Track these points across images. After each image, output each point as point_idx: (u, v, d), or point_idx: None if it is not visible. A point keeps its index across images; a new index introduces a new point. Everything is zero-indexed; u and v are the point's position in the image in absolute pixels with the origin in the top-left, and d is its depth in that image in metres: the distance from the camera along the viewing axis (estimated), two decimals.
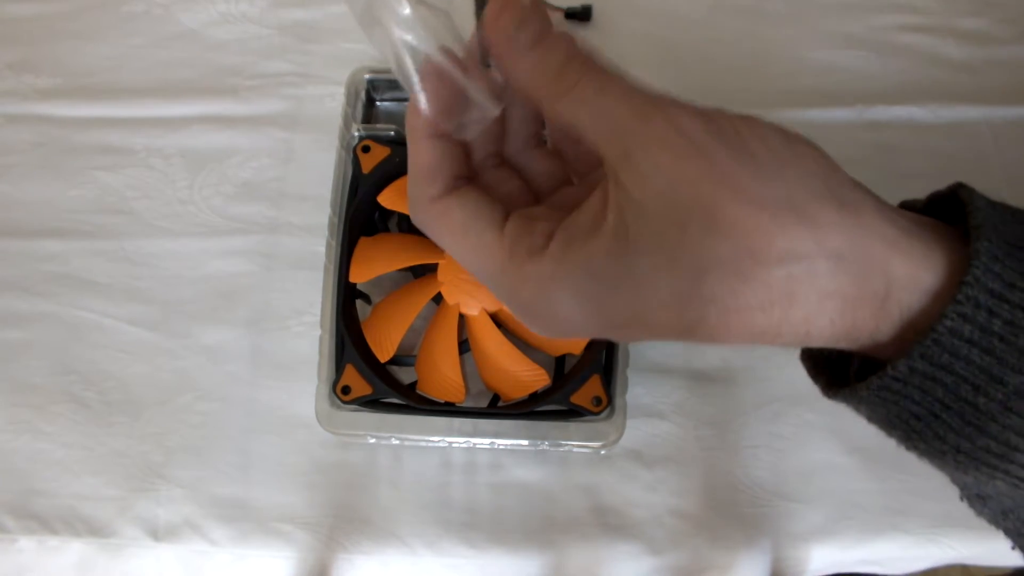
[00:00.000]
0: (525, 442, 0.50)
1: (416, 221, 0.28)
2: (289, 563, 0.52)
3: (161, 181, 0.61)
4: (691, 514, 0.52)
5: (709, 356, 0.56)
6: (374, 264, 0.53)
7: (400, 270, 0.54)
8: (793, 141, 0.24)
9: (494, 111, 0.27)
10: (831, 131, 0.62)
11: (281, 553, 0.51)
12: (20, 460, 0.54)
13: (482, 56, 0.27)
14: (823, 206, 0.23)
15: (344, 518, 0.52)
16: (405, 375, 0.54)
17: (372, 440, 0.52)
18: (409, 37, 0.26)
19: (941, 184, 0.28)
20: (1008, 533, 0.28)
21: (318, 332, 0.52)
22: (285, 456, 0.54)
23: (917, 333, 0.24)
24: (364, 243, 0.53)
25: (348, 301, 0.53)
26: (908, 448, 0.27)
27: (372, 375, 0.50)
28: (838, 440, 0.53)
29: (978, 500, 0.27)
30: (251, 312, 0.57)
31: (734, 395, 0.55)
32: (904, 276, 0.24)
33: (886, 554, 0.52)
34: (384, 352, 0.52)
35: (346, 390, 0.50)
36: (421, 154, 0.27)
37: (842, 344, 0.25)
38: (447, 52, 0.26)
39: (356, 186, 0.54)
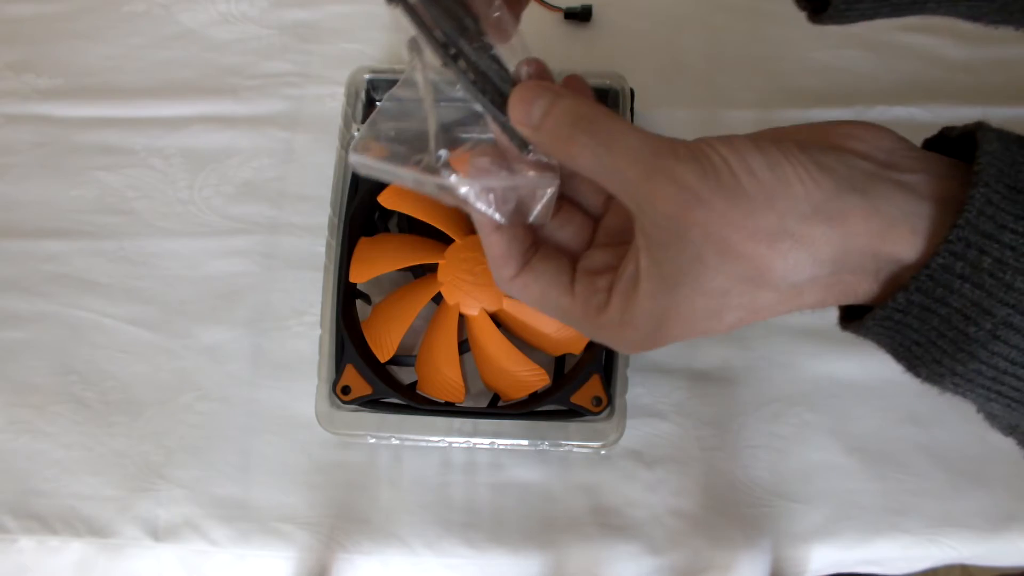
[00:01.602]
0: (525, 442, 0.50)
1: (505, 292, 0.34)
2: (289, 563, 0.52)
3: (161, 181, 0.61)
4: (691, 514, 0.52)
5: (709, 356, 0.56)
6: (374, 264, 0.53)
7: (400, 270, 0.54)
8: (777, 164, 0.27)
9: (553, 184, 0.32)
10: None
11: (281, 553, 0.51)
12: (20, 460, 0.54)
13: (518, 143, 0.31)
14: (813, 225, 0.27)
15: (344, 518, 0.52)
16: (405, 375, 0.54)
17: (372, 440, 0.52)
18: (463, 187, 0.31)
19: None
20: (1020, 445, 0.31)
21: (318, 332, 0.52)
22: (285, 456, 0.54)
23: (913, 270, 0.27)
24: (364, 243, 0.53)
25: (348, 301, 0.53)
26: (913, 374, 0.29)
27: (372, 375, 0.50)
28: (838, 440, 0.53)
29: (989, 416, 0.30)
30: (251, 312, 0.57)
31: (734, 395, 0.55)
32: (891, 256, 0.27)
33: (886, 554, 0.52)
34: (384, 352, 0.52)
35: (346, 390, 0.50)
36: (492, 246, 0.32)
37: (861, 299, 0.29)
38: (485, 164, 0.31)
39: (356, 186, 0.54)
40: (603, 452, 0.53)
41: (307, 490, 0.53)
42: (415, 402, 0.51)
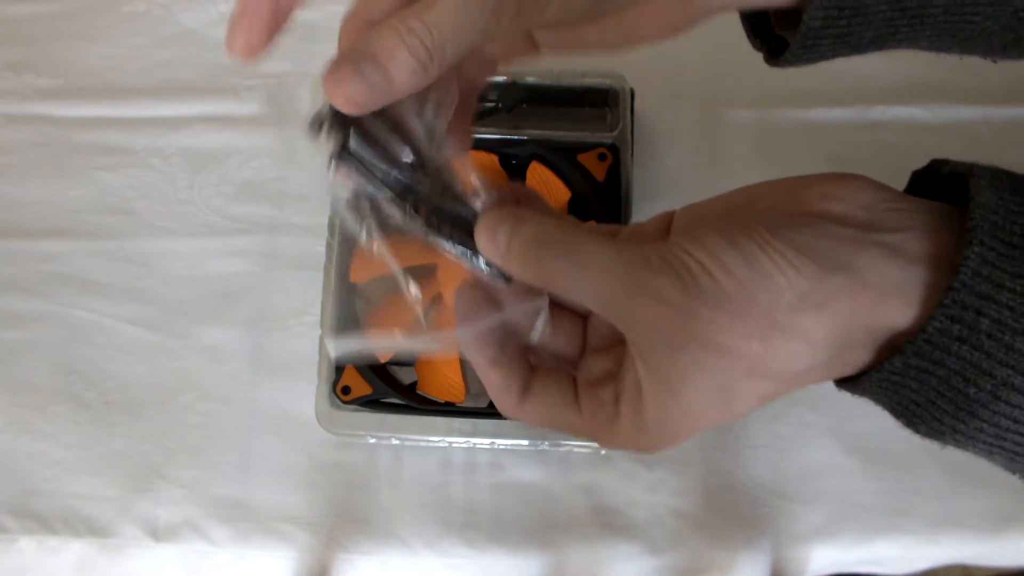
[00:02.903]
0: (525, 442, 0.50)
1: (511, 419, 0.34)
2: (289, 563, 0.52)
3: (161, 181, 0.61)
4: (691, 514, 0.52)
5: None
6: (374, 264, 0.53)
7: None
8: (754, 258, 0.26)
9: (544, 301, 0.31)
10: (831, 131, 0.62)
11: (281, 553, 0.51)
12: (20, 460, 0.54)
13: (499, 276, 0.31)
14: (801, 315, 0.26)
15: (344, 518, 0.52)
16: (405, 375, 0.54)
17: (372, 440, 0.52)
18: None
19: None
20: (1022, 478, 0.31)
21: (318, 332, 0.52)
22: (285, 456, 0.54)
23: (911, 335, 0.26)
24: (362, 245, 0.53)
25: (348, 301, 0.53)
26: (913, 430, 0.29)
27: (372, 375, 0.50)
28: (838, 440, 0.53)
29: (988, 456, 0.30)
30: (251, 312, 0.57)
31: None
32: (884, 327, 0.27)
33: (886, 554, 0.52)
34: (384, 352, 0.52)
35: (346, 390, 0.50)
36: (489, 380, 0.32)
37: (845, 374, 0.29)
38: (471, 309, 0.31)
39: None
40: (603, 452, 0.53)
41: (307, 490, 0.53)
42: (415, 402, 0.51)
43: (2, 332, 0.57)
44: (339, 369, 0.50)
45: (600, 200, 0.54)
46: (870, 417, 0.54)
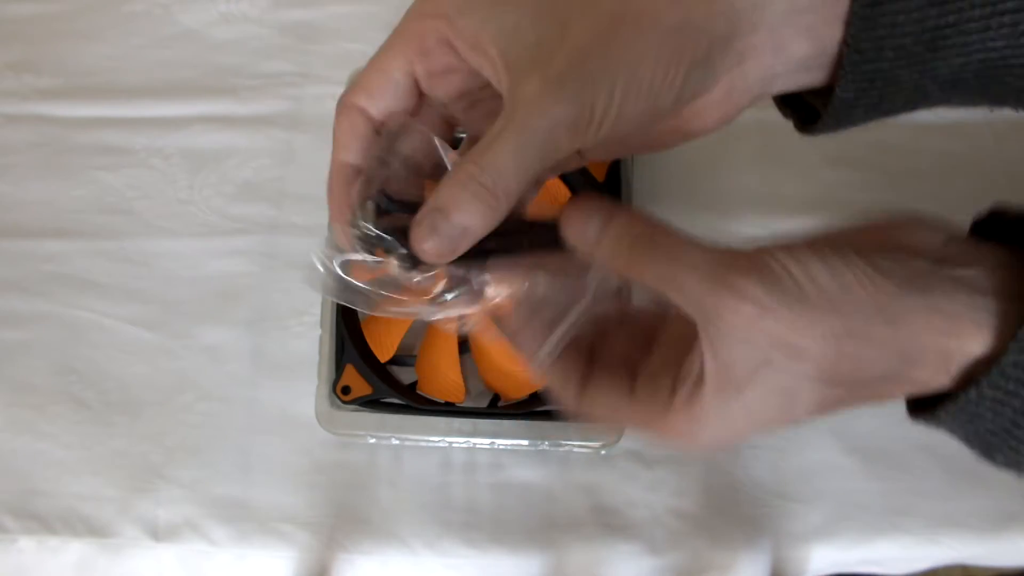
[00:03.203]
0: (525, 442, 0.50)
1: (574, 414, 0.33)
2: (289, 563, 0.52)
3: (161, 181, 0.61)
4: (691, 514, 0.52)
5: None
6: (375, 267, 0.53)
7: None
8: (837, 271, 0.28)
9: (613, 282, 0.32)
10: None
11: (281, 553, 0.51)
12: (20, 460, 0.54)
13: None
14: (876, 326, 0.27)
15: (344, 518, 0.52)
16: (405, 375, 0.54)
17: (372, 440, 0.52)
18: None
19: (941, 184, 0.30)
20: None
21: (318, 332, 0.52)
22: (285, 456, 0.54)
23: (988, 365, 0.27)
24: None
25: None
26: (988, 460, 0.30)
27: (372, 375, 0.50)
28: (838, 440, 0.53)
29: None
30: (251, 312, 0.57)
31: None
32: (959, 352, 0.27)
33: (886, 554, 0.52)
34: (384, 352, 0.52)
35: (346, 390, 0.50)
36: (549, 380, 0.33)
37: (916, 394, 0.30)
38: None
39: None
40: (603, 452, 0.53)
41: (307, 490, 0.53)
42: (415, 402, 0.51)
43: (2, 332, 0.57)
44: (339, 369, 0.50)
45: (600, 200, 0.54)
46: (870, 417, 0.54)
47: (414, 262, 0.30)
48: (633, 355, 0.33)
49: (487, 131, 0.28)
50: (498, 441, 0.50)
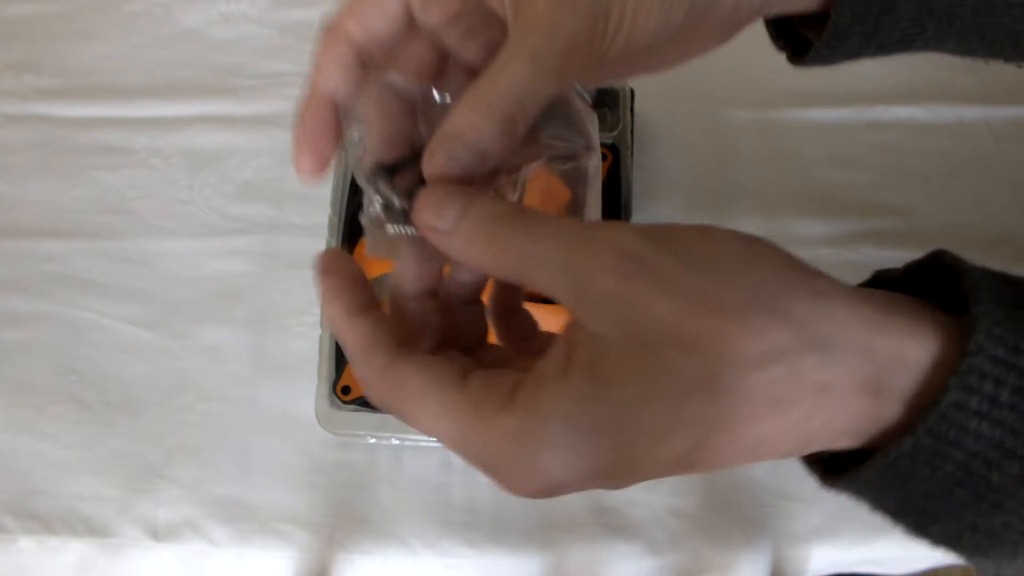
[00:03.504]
0: None
1: (374, 401, 0.26)
2: (289, 563, 0.52)
3: (161, 181, 0.61)
4: (691, 514, 0.52)
5: None
6: (374, 264, 0.53)
7: None
8: (752, 243, 0.24)
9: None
10: (831, 131, 0.62)
11: (281, 553, 0.51)
12: (20, 460, 0.54)
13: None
14: (795, 298, 0.22)
15: (344, 518, 0.52)
16: None
17: (372, 440, 0.52)
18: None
19: (941, 184, 0.29)
20: None
21: (318, 332, 0.52)
22: (285, 456, 0.54)
23: (921, 411, 0.22)
24: (364, 243, 0.53)
25: None
26: (920, 535, 0.25)
27: None
28: None
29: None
30: (251, 312, 0.57)
31: None
32: (891, 356, 0.23)
33: (886, 554, 0.52)
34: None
35: (346, 390, 0.50)
36: (350, 334, 0.26)
37: (844, 442, 0.24)
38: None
39: (356, 186, 0.54)
40: None
41: (307, 490, 0.53)
42: None
43: (2, 332, 0.57)
44: (339, 369, 0.50)
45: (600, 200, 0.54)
46: None
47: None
48: (477, 345, 0.28)
49: (499, 55, 0.26)
50: None
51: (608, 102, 0.56)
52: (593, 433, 0.22)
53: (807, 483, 0.54)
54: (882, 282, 0.27)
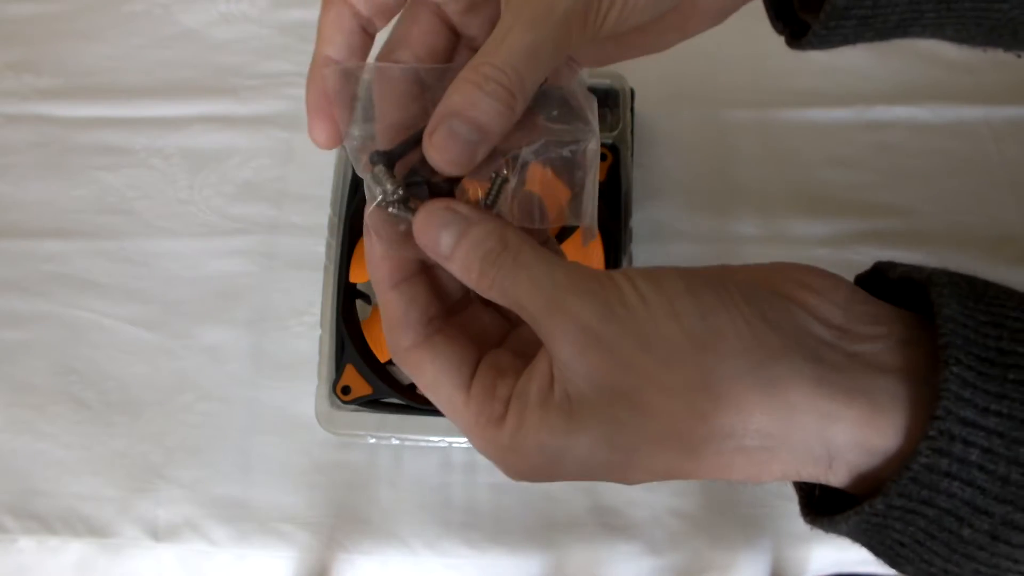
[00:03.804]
0: None
1: (398, 364, 0.29)
2: (289, 563, 0.52)
3: (161, 181, 0.61)
4: (691, 514, 0.52)
5: None
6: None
7: None
8: (712, 313, 0.24)
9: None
10: (831, 131, 0.62)
11: (281, 553, 0.51)
12: (20, 460, 0.54)
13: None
14: (745, 388, 0.23)
15: (344, 518, 0.52)
16: (405, 375, 0.54)
17: (372, 440, 0.52)
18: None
19: (941, 184, 0.29)
20: None
21: (318, 332, 0.52)
22: (285, 456, 0.54)
23: (890, 471, 0.23)
24: (364, 243, 0.53)
25: (348, 301, 0.53)
26: (895, 569, 0.26)
27: (372, 375, 0.50)
28: None
29: None
30: (251, 312, 0.57)
31: None
32: (848, 443, 0.23)
33: None
34: (384, 352, 0.52)
35: (346, 390, 0.50)
36: (388, 306, 0.29)
37: (801, 481, 0.26)
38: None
39: (356, 186, 0.54)
40: None
41: (307, 490, 0.53)
42: (415, 402, 0.51)
43: (2, 332, 0.57)
44: (339, 369, 0.50)
45: (600, 200, 0.53)
46: None
47: (437, 189, 0.28)
48: (488, 337, 0.30)
49: (495, 29, 0.26)
50: None
51: (608, 102, 0.56)
52: (559, 460, 0.25)
53: None
54: (879, 275, 0.28)
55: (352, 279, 0.52)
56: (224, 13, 0.66)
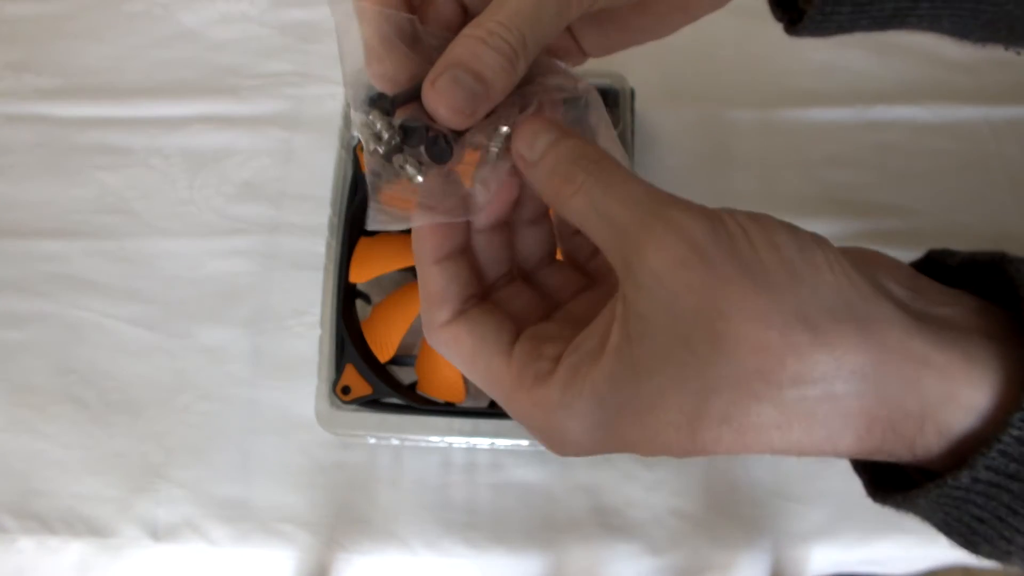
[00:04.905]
0: (525, 442, 0.50)
1: (431, 344, 0.28)
2: (289, 563, 0.52)
3: (161, 181, 0.61)
4: (691, 514, 0.52)
5: None
6: (374, 264, 0.53)
7: (400, 270, 0.54)
8: (808, 248, 0.23)
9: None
10: (831, 131, 0.62)
11: (281, 553, 0.51)
12: (20, 460, 0.54)
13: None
14: (841, 324, 0.22)
15: (344, 518, 0.52)
16: (405, 375, 0.53)
17: (372, 440, 0.52)
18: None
19: (941, 184, 0.29)
20: None
21: (318, 332, 0.52)
22: (285, 456, 0.54)
23: (977, 442, 0.22)
24: (364, 243, 0.53)
25: (348, 301, 0.53)
26: (970, 550, 0.25)
27: (372, 375, 0.50)
28: None
29: None
30: (251, 312, 0.57)
31: None
32: (940, 395, 0.22)
33: (886, 554, 0.52)
34: (384, 352, 0.52)
35: (346, 390, 0.50)
36: (428, 281, 0.28)
37: (876, 457, 0.24)
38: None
39: (356, 186, 0.54)
40: None
41: (307, 490, 0.53)
42: (415, 402, 0.51)
43: (2, 332, 0.57)
44: (339, 369, 0.50)
45: None
46: None
47: (436, 148, 0.27)
48: (523, 317, 0.29)
49: None
50: (498, 441, 0.50)
51: (608, 102, 0.56)
52: (619, 414, 0.23)
53: (807, 483, 0.54)
54: (936, 264, 0.27)
55: (352, 279, 0.52)
56: (224, 13, 0.66)
